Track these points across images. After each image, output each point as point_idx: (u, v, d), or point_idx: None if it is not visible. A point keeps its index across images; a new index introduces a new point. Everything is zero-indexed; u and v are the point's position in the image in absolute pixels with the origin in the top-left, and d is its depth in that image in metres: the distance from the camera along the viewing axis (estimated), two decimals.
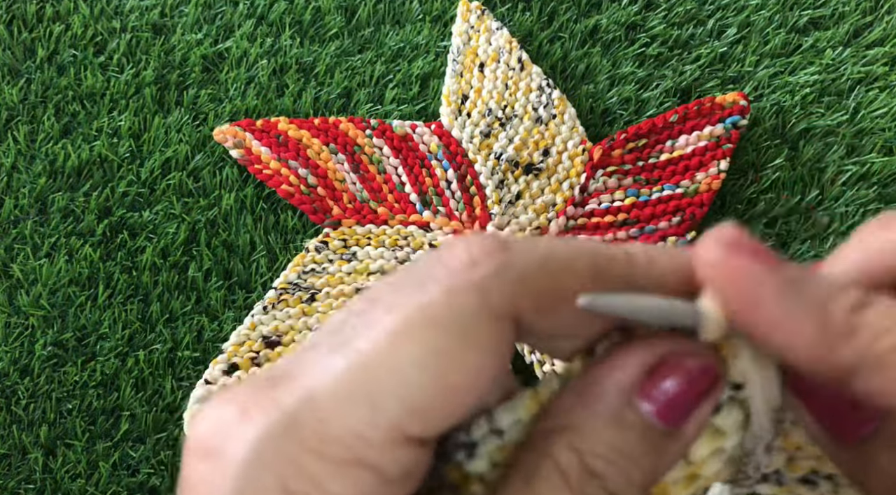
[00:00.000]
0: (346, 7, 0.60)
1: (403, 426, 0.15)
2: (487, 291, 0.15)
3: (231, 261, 0.53)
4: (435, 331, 0.15)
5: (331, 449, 0.15)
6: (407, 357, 0.15)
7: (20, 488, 0.47)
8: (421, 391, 0.15)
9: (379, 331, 0.15)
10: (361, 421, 0.15)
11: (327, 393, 0.15)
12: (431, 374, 0.15)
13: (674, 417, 0.16)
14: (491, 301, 0.15)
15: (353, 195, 0.55)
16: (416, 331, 0.15)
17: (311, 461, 0.15)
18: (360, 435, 0.15)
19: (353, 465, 0.15)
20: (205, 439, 0.16)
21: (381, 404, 0.15)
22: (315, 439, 0.15)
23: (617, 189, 0.55)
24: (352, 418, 0.15)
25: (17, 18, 0.59)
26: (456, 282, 0.15)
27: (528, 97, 0.57)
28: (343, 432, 0.15)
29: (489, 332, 0.15)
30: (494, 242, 0.16)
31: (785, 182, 0.56)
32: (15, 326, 0.51)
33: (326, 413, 0.15)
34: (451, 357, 0.15)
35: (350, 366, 0.15)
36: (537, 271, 0.16)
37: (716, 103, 0.56)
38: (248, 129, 0.55)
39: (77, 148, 0.55)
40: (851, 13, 0.60)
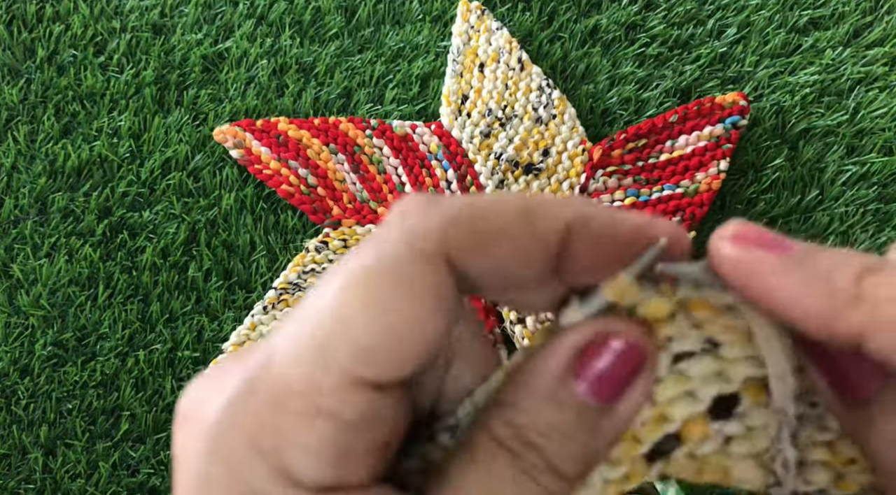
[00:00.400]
0: (346, 7, 0.60)
1: (354, 369, 0.16)
2: (416, 236, 0.16)
3: (231, 261, 0.53)
4: (372, 278, 0.16)
5: (290, 401, 0.16)
6: (349, 305, 0.16)
7: (20, 488, 0.47)
8: (365, 334, 0.15)
9: (327, 289, 0.16)
10: (314, 370, 0.16)
11: (282, 350, 0.16)
12: (372, 317, 0.16)
13: (607, 394, 0.17)
14: (420, 245, 0.16)
15: (353, 195, 0.55)
16: (358, 283, 0.16)
17: (275, 415, 0.16)
18: (314, 383, 0.16)
19: (314, 414, 0.16)
20: (184, 409, 0.17)
21: (330, 351, 0.16)
22: (275, 394, 0.16)
23: (617, 189, 0.55)
24: (304, 369, 0.16)
25: (17, 18, 0.59)
26: (389, 234, 0.16)
27: (528, 97, 0.57)
28: (299, 384, 0.16)
29: (423, 274, 0.16)
30: (424, 197, 0.17)
31: (785, 182, 0.56)
32: (15, 326, 0.51)
33: (282, 368, 0.16)
34: (388, 299, 0.16)
35: (301, 323, 0.16)
36: (462, 211, 0.17)
37: (716, 103, 0.56)
38: (248, 129, 0.55)
39: (77, 148, 0.55)
40: (851, 13, 0.60)
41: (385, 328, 0.16)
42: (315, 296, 0.16)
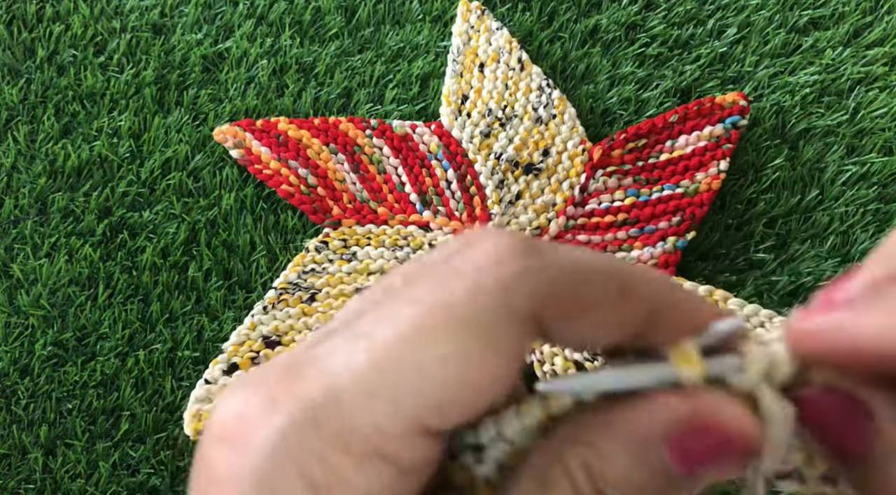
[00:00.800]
0: (346, 7, 0.60)
1: (423, 420, 0.15)
2: (513, 293, 0.15)
3: (231, 261, 0.53)
4: (458, 330, 0.15)
5: (353, 441, 0.15)
6: (429, 354, 0.15)
7: (20, 488, 0.47)
8: (442, 388, 0.15)
9: (401, 324, 0.15)
10: (383, 415, 0.15)
11: (350, 386, 0.15)
12: (452, 372, 0.15)
13: (694, 469, 0.16)
14: (515, 303, 0.15)
15: (353, 195, 0.55)
16: (439, 328, 0.15)
17: (334, 453, 0.15)
18: (380, 428, 0.15)
19: (374, 457, 0.15)
20: (228, 424, 0.16)
21: (402, 399, 0.15)
22: (337, 432, 0.15)
23: (617, 189, 0.55)
24: (373, 412, 0.15)
25: (17, 18, 0.59)
26: (481, 280, 0.15)
27: (528, 97, 0.57)
28: (365, 426, 0.15)
29: (511, 334, 0.15)
30: (523, 243, 0.16)
31: (785, 182, 0.56)
32: (15, 326, 0.51)
33: (349, 406, 0.15)
34: (472, 356, 0.15)
35: (372, 360, 0.15)
36: (564, 278, 0.16)
37: (716, 103, 0.56)
38: (248, 129, 0.55)
39: (77, 148, 0.55)
40: (851, 13, 0.60)
41: (463, 386, 0.15)
42: (384, 319, 0.16)
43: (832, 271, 0.53)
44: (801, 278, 0.53)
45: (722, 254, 0.54)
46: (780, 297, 0.52)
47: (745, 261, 0.53)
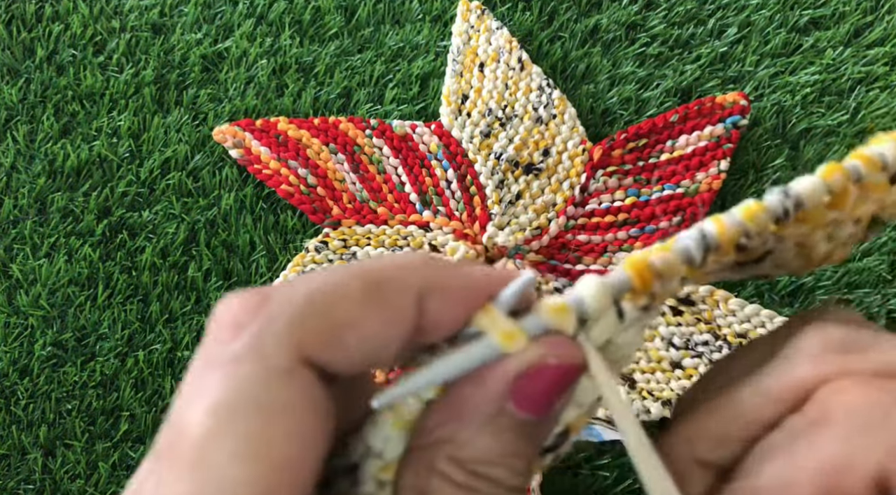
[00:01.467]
0: (346, 7, 0.60)
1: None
2: (261, 351, 0.15)
3: (231, 261, 0.53)
4: (237, 418, 0.15)
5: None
6: (222, 456, 0.15)
7: (20, 488, 0.47)
8: (248, 485, 0.14)
9: (187, 439, 0.15)
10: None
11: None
12: (252, 461, 0.15)
13: (545, 409, 0.17)
14: (270, 360, 0.15)
15: (353, 195, 0.54)
16: (221, 426, 0.15)
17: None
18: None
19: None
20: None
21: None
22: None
23: (617, 189, 0.55)
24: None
25: (16, 18, 0.59)
26: (230, 355, 0.15)
27: (528, 97, 0.57)
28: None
29: (288, 389, 0.15)
30: (253, 297, 0.16)
31: (785, 182, 0.55)
32: (15, 326, 0.51)
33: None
34: (263, 435, 0.15)
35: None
36: (305, 310, 0.16)
37: (716, 103, 0.56)
38: (247, 129, 0.55)
39: (77, 148, 0.55)
40: (851, 13, 0.60)
41: (271, 469, 0.15)
42: (182, 436, 0.15)
43: (832, 271, 0.53)
44: (801, 278, 0.53)
45: None
46: (780, 297, 0.52)
47: None
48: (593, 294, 0.17)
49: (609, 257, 0.53)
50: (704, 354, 0.50)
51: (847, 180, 0.19)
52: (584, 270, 0.53)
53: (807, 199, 0.19)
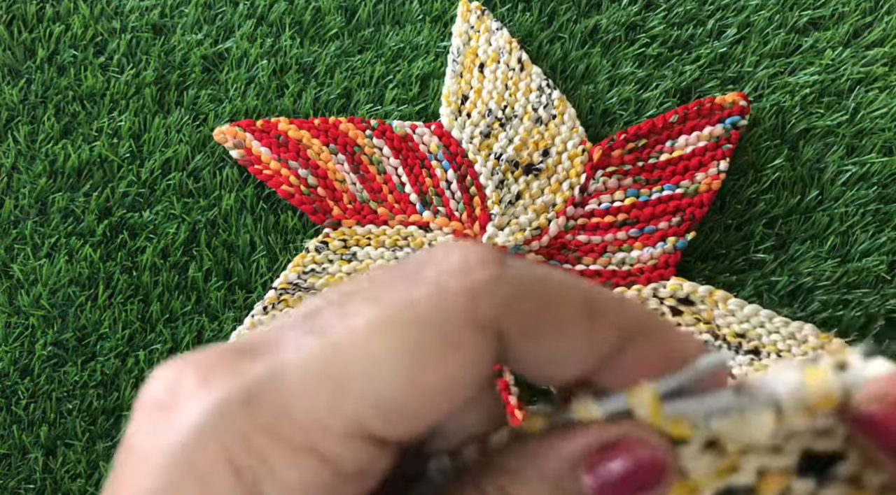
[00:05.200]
0: (346, 7, 0.60)
1: (366, 421, 0.14)
2: (477, 299, 0.15)
3: (231, 261, 0.53)
4: (416, 329, 0.15)
5: (286, 430, 0.14)
6: (383, 349, 0.14)
7: (20, 488, 0.47)
8: (391, 388, 0.14)
9: (359, 319, 0.15)
10: (324, 407, 0.14)
11: (294, 372, 0.14)
12: (404, 372, 0.14)
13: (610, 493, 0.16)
14: (479, 310, 0.15)
15: (353, 195, 0.55)
16: (396, 325, 0.15)
17: (264, 439, 0.14)
18: (319, 421, 0.14)
19: (306, 451, 0.14)
20: (158, 395, 0.15)
21: (347, 394, 0.14)
22: (272, 417, 0.14)
23: (617, 189, 0.55)
24: (314, 402, 0.14)
25: (17, 18, 0.59)
26: (445, 285, 0.15)
27: (528, 97, 0.57)
28: (303, 416, 0.14)
29: (471, 341, 0.15)
30: (491, 253, 0.16)
31: (785, 182, 0.56)
32: (15, 326, 0.51)
33: (289, 393, 0.14)
34: (428, 357, 0.14)
35: (323, 350, 0.15)
36: (530, 292, 0.15)
37: (716, 103, 0.56)
38: (248, 130, 0.55)
39: (77, 148, 0.55)
40: (851, 13, 0.60)
41: (414, 390, 0.14)
42: (342, 314, 0.15)
43: (832, 271, 0.53)
44: (800, 278, 0.53)
45: (722, 255, 0.54)
46: (780, 297, 0.52)
47: (745, 262, 0.53)
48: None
49: (608, 257, 0.53)
50: None
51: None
52: (583, 270, 0.53)
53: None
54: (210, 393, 0.15)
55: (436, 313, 0.15)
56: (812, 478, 0.17)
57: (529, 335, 0.15)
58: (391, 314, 0.15)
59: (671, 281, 0.52)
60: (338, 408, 0.14)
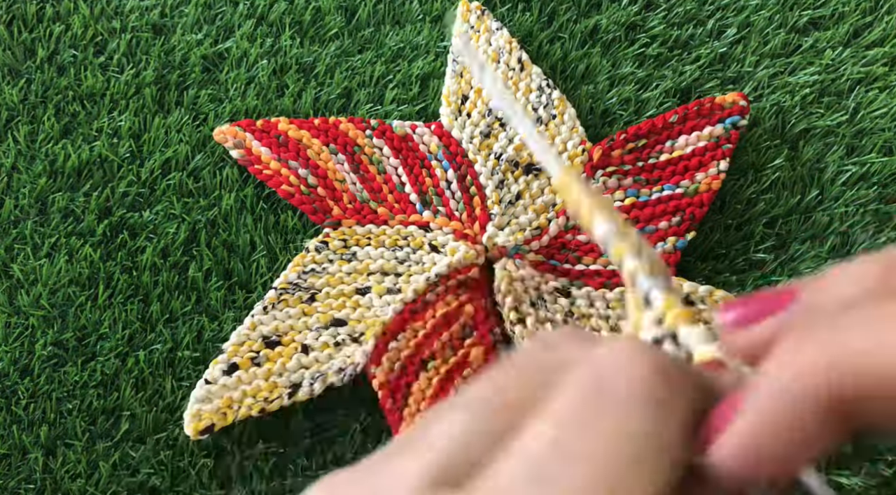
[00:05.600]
0: (346, 7, 0.60)
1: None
2: (675, 404, 0.15)
3: (231, 261, 0.53)
4: (646, 458, 0.15)
5: None
6: (633, 490, 0.14)
7: (20, 488, 0.47)
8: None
9: (588, 462, 0.15)
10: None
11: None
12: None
13: None
14: (679, 414, 0.15)
15: (353, 195, 0.55)
16: (630, 460, 0.15)
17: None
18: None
19: None
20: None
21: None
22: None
23: (617, 189, 0.55)
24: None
25: (17, 18, 0.59)
26: (647, 397, 0.15)
27: (528, 97, 0.57)
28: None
29: (681, 446, 0.15)
30: (661, 358, 0.16)
31: (785, 182, 0.56)
32: (15, 326, 0.51)
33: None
34: (665, 478, 0.15)
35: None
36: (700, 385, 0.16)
37: (716, 103, 0.56)
38: (248, 129, 0.55)
39: (77, 148, 0.55)
40: (851, 13, 0.60)
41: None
42: (574, 463, 0.14)
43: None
44: (801, 278, 0.53)
45: (722, 254, 0.54)
46: None
47: (745, 261, 0.53)
48: None
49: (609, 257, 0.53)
50: None
51: None
52: (583, 270, 0.53)
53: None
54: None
55: (654, 436, 0.15)
56: None
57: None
58: (615, 449, 0.15)
59: None
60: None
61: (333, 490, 0.16)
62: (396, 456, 0.16)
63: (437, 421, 0.16)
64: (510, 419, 0.16)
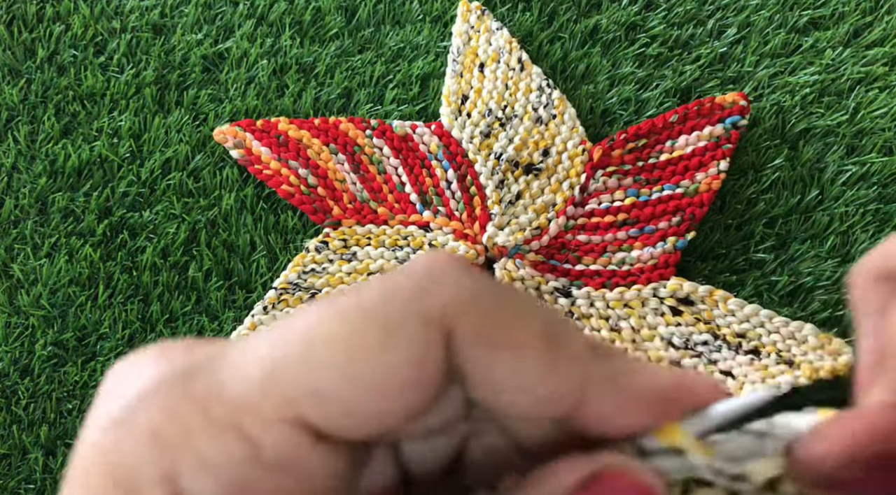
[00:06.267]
0: (346, 7, 0.60)
1: (301, 408, 0.14)
2: (426, 293, 0.15)
3: (231, 261, 0.53)
4: (355, 316, 0.14)
5: (215, 406, 0.14)
6: (319, 335, 0.14)
7: (20, 488, 0.47)
8: (326, 375, 0.14)
9: (311, 313, 0.15)
10: (256, 388, 0.14)
11: (235, 355, 0.14)
12: (340, 359, 0.14)
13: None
14: (425, 302, 0.14)
15: (353, 195, 0.55)
16: (337, 313, 0.14)
17: (191, 412, 0.14)
18: (249, 402, 0.14)
19: (231, 430, 0.14)
20: (114, 373, 0.16)
21: (281, 377, 0.14)
22: (205, 393, 0.14)
23: (617, 189, 0.55)
24: (247, 384, 0.14)
25: (17, 18, 0.59)
26: (399, 281, 0.15)
27: (528, 97, 0.57)
28: (234, 394, 0.14)
29: (413, 334, 0.14)
30: (458, 261, 0.15)
31: (785, 182, 0.56)
32: (15, 326, 0.51)
33: (226, 372, 0.14)
34: (364, 345, 0.14)
35: (266, 337, 0.14)
36: (485, 298, 0.15)
37: (716, 103, 0.56)
38: (248, 129, 0.55)
39: (77, 148, 0.55)
40: (851, 13, 0.60)
41: (351, 381, 0.14)
42: (297, 314, 0.15)
43: (832, 271, 0.53)
44: (801, 278, 0.53)
45: (722, 254, 0.54)
46: (780, 297, 0.52)
47: (745, 261, 0.53)
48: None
49: (608, 257, 0.53)
50: (704, 354, 0.50)
51: None
52: (583, 270, 0.53)
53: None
54: (154, 369, 0.15)
55: (379, 303, 0.14)
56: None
57: (481, 343, 0.15)
58: (338, 306, 0.15)
59: (671, 281, 0.52)
60: (270, 391, 0.14)
61: (163, 349, 0.16)
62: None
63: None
64: None
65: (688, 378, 0.16)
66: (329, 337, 0.14)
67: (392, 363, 0.14)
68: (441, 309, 0.14)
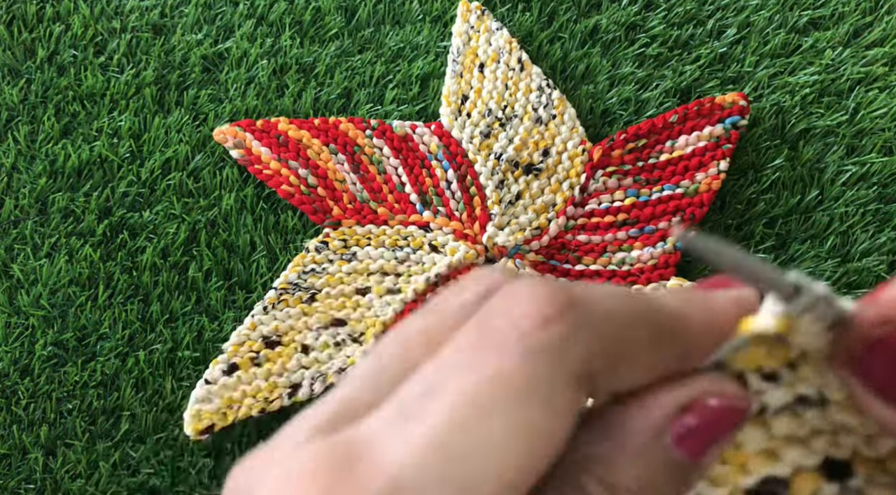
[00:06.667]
0: (346, 7, 0.60)
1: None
2: (564, 354, 0.15)
3: (231, 261, 0.53)
4: (516, 403, 0.15)
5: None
6: (493, 432, 0.14)
7: (20, 488, 0.47)
8: (510, 467, 0.15)
9: (454, 401, 0.15)
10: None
11: (413, 477, 0.14)
12: (520, 449, 0.15)
13: (698, 451, 0.17)
14: (568, 364, 0.15)
15: (353, 195, 0.55)
16: (497, 403, 0.15)
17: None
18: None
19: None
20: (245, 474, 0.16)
21: (471, 485, 0.14)
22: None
23: (617, 189, 0.55)
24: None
25: (17, 18, 0.59)
26: (531, 345, 0.15)
27: (528, 97, 0.57)
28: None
29: (568, 395, 0.15)
30: (563, 296, 0.16)
31: (785, 182, 0.56)
32: (15, 326, 0.51)
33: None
34: (535, 428, 0.15)
35: (432, 444, 0.14)
36: (610, 329, 0.16)
37: (715, 103, 0.56)
38: (248, 130, 0.55)
39: (77, 148, 0.55)
40: (851, 13, 0.60)
41: (530, 459, 0.15)
42: (435, 399, 0.15)
43: (832, 271, 0.53)
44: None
45: None
46: None
47: None
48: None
49: (608, 257, 0.53)
50: None
51: None
52: (583, 270, 0.53)
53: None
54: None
55: (529, 382, 0.15)
56: (836, 484, 0.18)
57: (610, 371, 0.16)
58: (488, 389, 0.15)
59: (671, 281, 0.52)
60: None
61: (245, 461, 0.16)
62: (303, 412, 0.17)
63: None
64: (410, 364, 0.16)
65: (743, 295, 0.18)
66: (502, 435, 0.15)
67: (560, 428, 0.15)
68: (583, 366, 0.15)
